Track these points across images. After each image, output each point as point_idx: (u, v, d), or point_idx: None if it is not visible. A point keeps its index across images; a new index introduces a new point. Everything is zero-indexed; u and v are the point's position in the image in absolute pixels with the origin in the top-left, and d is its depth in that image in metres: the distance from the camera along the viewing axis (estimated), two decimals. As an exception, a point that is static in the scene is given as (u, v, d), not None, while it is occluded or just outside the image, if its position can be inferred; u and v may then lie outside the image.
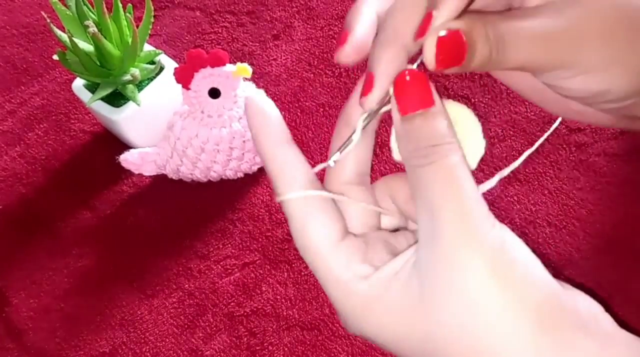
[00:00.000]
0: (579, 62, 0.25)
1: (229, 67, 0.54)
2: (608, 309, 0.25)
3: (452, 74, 0.65)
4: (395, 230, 0.30)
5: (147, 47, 0.60)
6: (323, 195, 0.26)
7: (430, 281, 0.24)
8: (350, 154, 0.28)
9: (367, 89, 0.26)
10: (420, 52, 0.26)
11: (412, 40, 0.26)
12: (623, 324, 0.24)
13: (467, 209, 0.24)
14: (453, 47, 0.24)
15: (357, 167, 0.29)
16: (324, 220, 0.26)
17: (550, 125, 0.61)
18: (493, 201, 0.57)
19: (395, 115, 0.26)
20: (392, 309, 0.25)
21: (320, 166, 0.28)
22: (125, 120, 0.59)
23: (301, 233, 0.26)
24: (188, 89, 0.55)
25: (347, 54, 0.27)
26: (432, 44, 0.24)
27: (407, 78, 0.26)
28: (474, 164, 0.27)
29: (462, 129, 0.27)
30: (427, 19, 0.25)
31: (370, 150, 0.29)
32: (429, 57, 0.24)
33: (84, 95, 0.59)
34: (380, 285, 0.25)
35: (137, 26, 0.57)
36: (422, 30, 0.25)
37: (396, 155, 0.27)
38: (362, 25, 0.27)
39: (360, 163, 0.29)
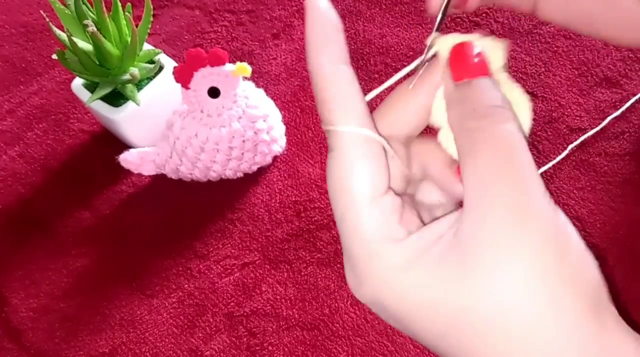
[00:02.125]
0: None
1: (229, 67, 0.54)
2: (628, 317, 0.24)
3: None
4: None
5: (147, 46, 0.60)
6: (380, 140, 0.24)
7: (473, 257, 0.22)
8: (410, 109, 0.26)
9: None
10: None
11: None
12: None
13: (525, 181, 0.22)
14: None
15: (407, 127, 0.26)
16: (373, 168, 0.23)
17: (551, 125, 0.61)
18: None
19: (447, 79, 0.24)
20: (422, 280, 0.22)
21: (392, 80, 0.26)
22: (125, 119, 0.59)
23: (342, 175, 0.23)
24: (187, 88, 0.55)
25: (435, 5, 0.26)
26: None
27: (466, 48, 0.24)
28: None
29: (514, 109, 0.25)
30: None
31: (429, 116, 0.27)
32: None
33: (83, 95, 0.59)
34: (412, 252, 0.23)
35: (137, 25, 0.57)
36: None
37: (435, 118, 0.26)
38: None
39: (413, 126, 0.26)
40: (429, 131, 0.27)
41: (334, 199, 0.24)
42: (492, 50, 0.25)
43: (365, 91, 0.28)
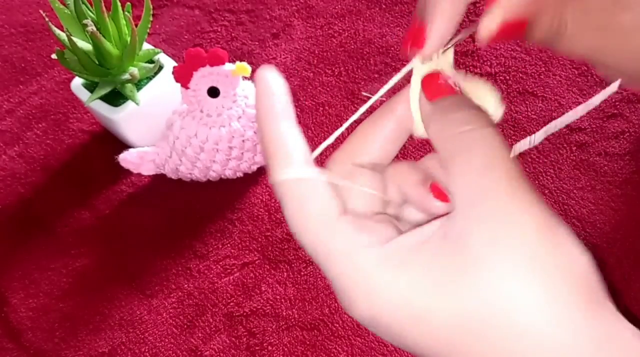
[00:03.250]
0: (623, 69, 0.26)
1: (228, 66, 0.54)
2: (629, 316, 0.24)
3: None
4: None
5: (146, 46, 0.60)
6: (322, 178, 0.25)
7: (468, 256, 0.22)
8: (377, 140, 0.27)
9: (420, 42, 0.26)
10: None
11: None
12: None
13: (513, 177, 0.23)
14: (513, 30, 0.24)
15: (378, 156, 0.28)
16: (322, 198, 0.25)
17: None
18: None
19: (423, 100, 0.26)
20: (415, 284, 0.22)
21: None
22: (124, 119, 0.58)
23: (298, 212, 0.25)
24: (187, 88, 0.55)
25: (427, 56, 0.26)
26: (493, 22, 0.24)
27: (435, 76, 0.26)
28: None
29: (482, 102, 0.27)
30: None
31: (398, 147, 0.28)
32: (485, 35, 0.24)
33: (83, 95, 0.59)
34: (397, 256, 0.23)
35: (136, 25, 0.57)
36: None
37: (419, 131, 0.27)
38: (443, 17, 0.25)
39: (383, 152, 0.28)
40: (401, 155, 0.28)
41: (303, 239, 0.25)
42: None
43: (365, 90, 0.28)
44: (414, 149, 0.60)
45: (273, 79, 0.26)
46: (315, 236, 0.24)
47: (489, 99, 0.27)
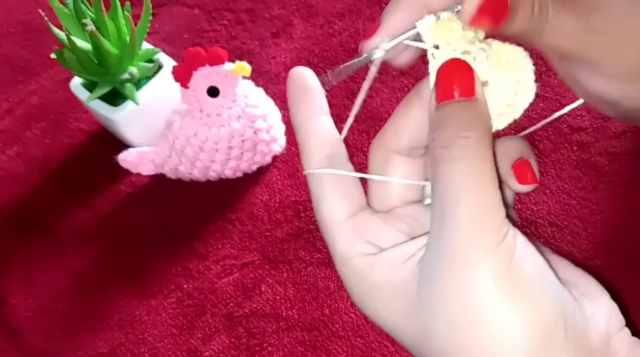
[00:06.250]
0: (605, 65, 0.25)
1: (228, 66, 0.54)
2: (628, 317, 0.24)
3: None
4: None
5: (146, 46, 0.60)
6: (339, 173, 0.27)
7: (431, 283, 0.23)
8: (408, 125, 0.28)
9: (370, 33, 0.28)
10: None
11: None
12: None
13: (482, 212, 0.22)
14: (496, 6, 0.24)
15: (410, 141, 0.28)
16: (334, 197, 0.27)
17: (552, 124, 0.61)
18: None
19: (432, 100, 0.25)
20: (390, 298, 0.25)
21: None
22: (124, 119, 0.58)
23: (316, 208, 0.28)
24: (187, 87, 0.55)
25: (370, 46, 0.28)
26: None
27: (452, 67, 0.25)
28: (519, 113, 0.27)
29: (514, 72, 0.26)
30: None
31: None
32: (468, 11, 0.24)
33: (82, 94, 0.59)
34: (380, 270, 0.25)
35: (135, 24, 0.57)
36: None
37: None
38: (395, 19, 0.27)
39: (414, 137, 0.28)
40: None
41: (321, 230, 0.28)
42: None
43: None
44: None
45: (307, 75, 0.29)
46: (324, 234, 0.27)
47: (524, 72, 0.26)
